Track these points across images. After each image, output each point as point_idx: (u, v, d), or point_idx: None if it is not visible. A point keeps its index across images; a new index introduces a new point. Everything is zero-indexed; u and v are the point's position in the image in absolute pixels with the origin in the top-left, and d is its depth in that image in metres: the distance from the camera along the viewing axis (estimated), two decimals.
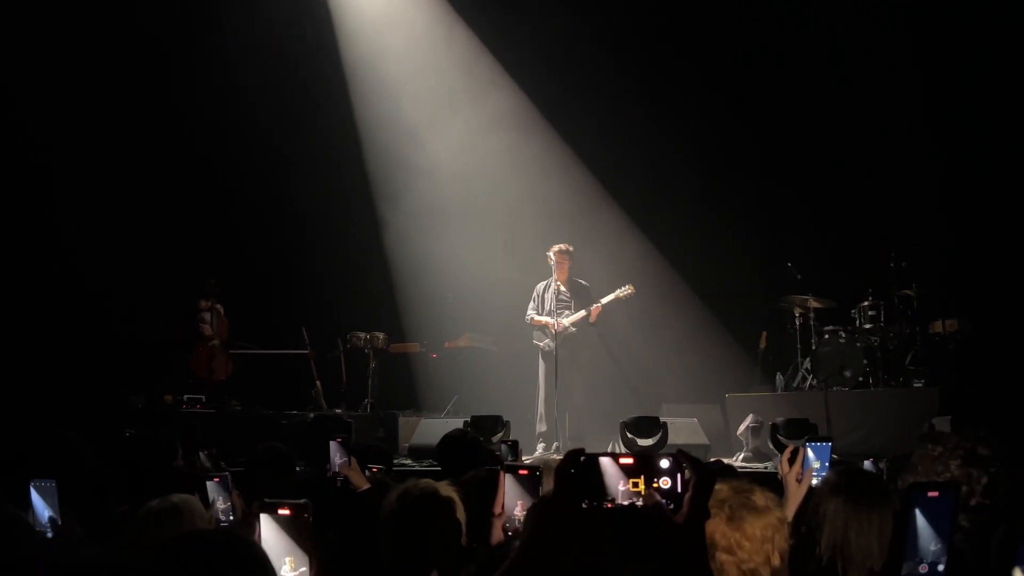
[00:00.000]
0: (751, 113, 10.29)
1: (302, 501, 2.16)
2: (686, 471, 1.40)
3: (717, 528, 2.00)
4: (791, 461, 3.13)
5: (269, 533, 2.12)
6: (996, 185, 9.44)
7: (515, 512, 2.59)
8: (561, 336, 8.45)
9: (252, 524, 2.24)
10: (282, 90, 10.49)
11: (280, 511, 2.13)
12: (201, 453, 5.79)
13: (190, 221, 10.36)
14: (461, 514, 2.62)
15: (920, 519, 1.59)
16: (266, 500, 2.20)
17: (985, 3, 9.50)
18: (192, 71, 10.21)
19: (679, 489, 1.38)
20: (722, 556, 1.99)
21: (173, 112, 10.23)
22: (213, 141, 10.45)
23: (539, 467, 2.67)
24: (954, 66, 9.61)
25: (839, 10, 9.96)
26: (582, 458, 1.39)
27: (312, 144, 10.85)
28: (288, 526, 2.12)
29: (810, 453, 3.22)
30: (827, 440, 3.32)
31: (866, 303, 9.28)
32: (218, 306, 9.93)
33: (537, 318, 8.68)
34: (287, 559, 2.10)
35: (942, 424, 6.57)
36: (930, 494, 1.61)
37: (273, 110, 10.48)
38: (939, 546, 1.60)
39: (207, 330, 9.82)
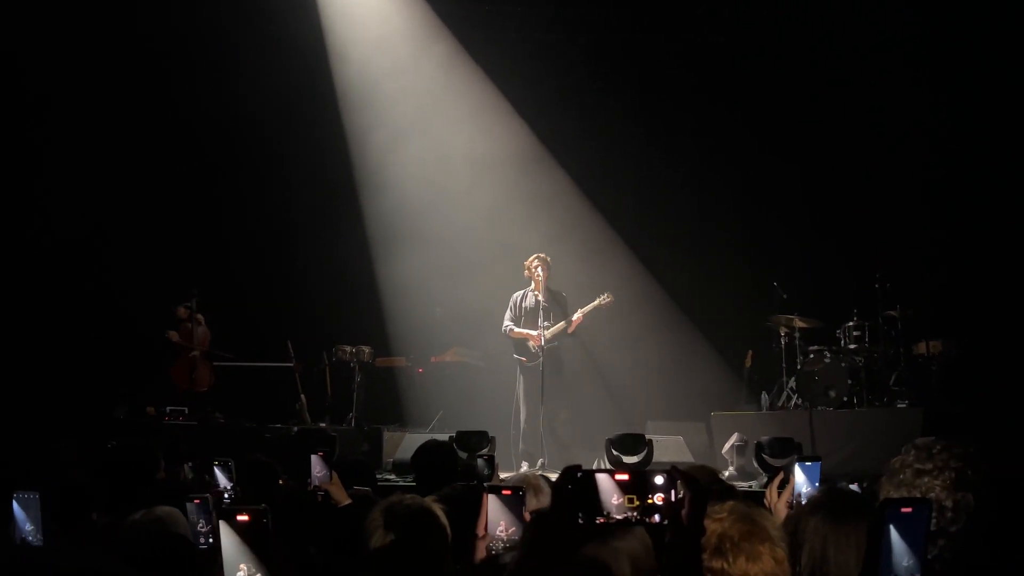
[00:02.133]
0: (740, 132, 10.37)
1: (261, 507, 2.14)
2: (680, 487, 1.42)
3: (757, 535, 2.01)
4: (781, 487, 3.11)
5: (227, 540, 2.10)
6: (981, 207, 9.53)
7: (498, 532, 2.56)
8: (544, 348, 8.38)
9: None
10: (271, 101, 10.48)
11: (238, 517, 2.11)
12: (186, 465, 5.76)
13: (176, 231, 10.32)
14: (448, 532, 2.59)
15: (894, 535, 1.60)
16: (224, 507, 2.18)
17: (975, 28, 9.61)
18: (186, 83, 10.20)
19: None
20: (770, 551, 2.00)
21: (159, 123, 10.20)
22: (200, 151, 10.44)
23: (522, 487, 2.65)
24: (941, 89, 9.71)
25: (827, 33, 10.08)
26: (579, 474, 1.42)
27: (300, 156, 10.85)
28: (246, 532, 2.10)
29: (799, 474, 3.20)
30: (816, 459, 3.30)
31: (851, 323, 9.33)
32: (199, 316, 9.87)
33: (517, 331, 8.59)
34: (241, 566, 2.07)
35: None
36: (903, 510, 1.62)
37: (261, 121, 10.45)
38: (912, 562, 1.61)
39: (173, 336, 9.67)
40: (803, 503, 2.95)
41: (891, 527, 1.60)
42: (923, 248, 9.69)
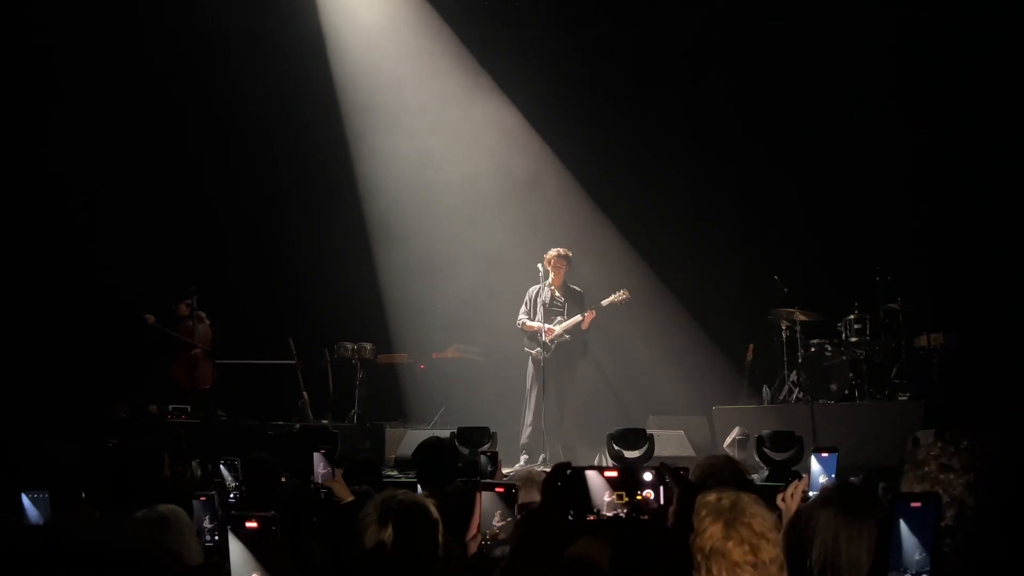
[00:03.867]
0: (739, 126, 10.36)
1: (270, 514, 2.11)
2: (669, 484, 1.43)
3: (735, 533, 1.95)
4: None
5: (236, 547, 2.07)
6: (982, 201, 9.53)
7: (493, 522, 2.57)
8: (555, 343, 8.37)
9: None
10: (270, 100, 10.47)
11: (247, 524, 2.08)
12: (193, 463, 5.78)
13: (176, 229, 10.33)
14: (441, 532, 2.59)
15: (904, 529, 1.61)
16: (233, 513, 2.16)
17: (967, 24, 9.59)
18: (182, 79, 10.19)
19: (661, 501, 1.41)
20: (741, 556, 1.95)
21: (155, 122, 10.20)
22: (200, 149, 10.43)
23: (515, 484, 2.65)
24: (938, 81, 9.72)
25: (825, 29, 10.06)
26: (568, 471, 1.43)
27: (298, 153, 10.83)
28: (255, 539, 2.06)
29: (815, 465, 3.19)
30: (833, 451, 3.27)
31: (852, 316, 9.32)
32: (201, 313, 9.87)
33: (529, 323, 8.54)
34: (254, 575, 2.05)
35: (926, 438, 6.60)
36: (913, 505, 1.62)
37: (261, 118, 10.46)
38: (923, 556, 1.61)
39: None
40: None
41: (901, 522, 1.61)
42: (924, 241, 9.69)
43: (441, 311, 10.48)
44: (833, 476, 3.20)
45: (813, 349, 9.21)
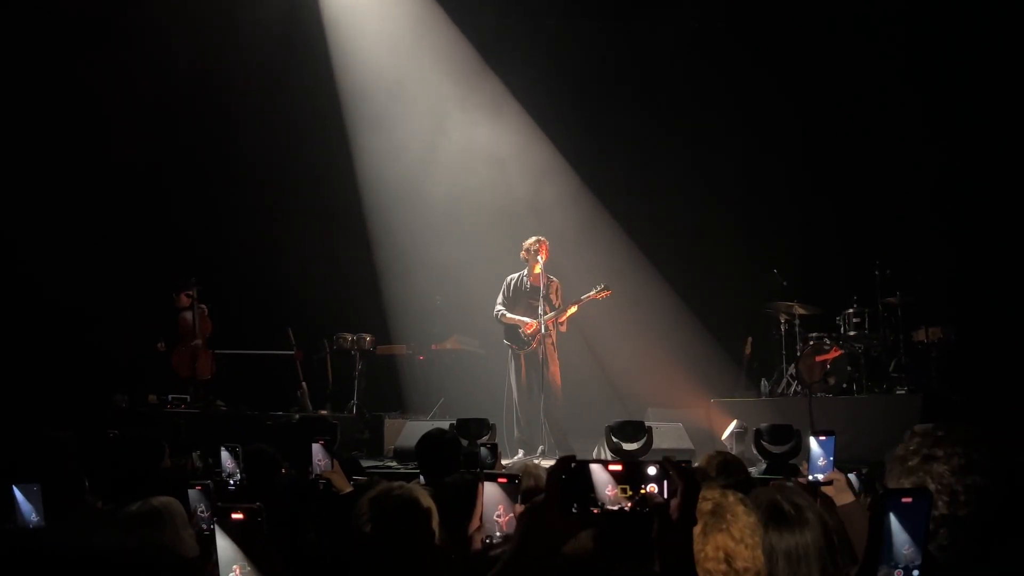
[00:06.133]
0: (739, 119, 10.34)
1: (255, 505, 2.09)
2: (673, 478, 1.44)
3: (711, 540, 1.94)
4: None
5: (222, 539, 2.05)
6: (981, 195, 9.53)
7: (495, 517, 2.58)
8: (535, 336, 8.26)
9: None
10: (267, 88, 10.45)
11: (233, 515, 2.05)
12: (194, 453, 5.79)
13: (176, 219, 10.31)
14: (436, 521, 2.61)
15: (895, 524, 1.62)
16: (219, 504, 2.14)
17: (977, 16, 9.57)
18: (177, 69, 10.16)
19: (665, 495, 1.42)
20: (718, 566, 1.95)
21: (156, 110, 10.17)
22: (198, 140, 10.41)
23: (518, 475, 2.66)
24: (943, 78, 9.71)
25: (832, 18, 10.03)
26: (573, 464, 1.44)
27: (298, 145, 10.81)
28: (240, 532, 2.04)
29: (814, 447, 3.21)
30: (830, 434, 3.28)
31: (851, 310, 9.36)
32: (202, 305, 9.89)
33: (508, 316, 8.42)
34: (235, 567, 2.03)
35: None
36: (904, 500, 1.63)
37: (259, 109, 10.43)
38: (912, 550, 1.62)
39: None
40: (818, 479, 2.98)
41: (892, 516, 1.62)
42: (923, 235, 9.70)
43: (440, 303, 10.49)
44: (832, 459, 3.23)
45: (812, 342, 9.22)
